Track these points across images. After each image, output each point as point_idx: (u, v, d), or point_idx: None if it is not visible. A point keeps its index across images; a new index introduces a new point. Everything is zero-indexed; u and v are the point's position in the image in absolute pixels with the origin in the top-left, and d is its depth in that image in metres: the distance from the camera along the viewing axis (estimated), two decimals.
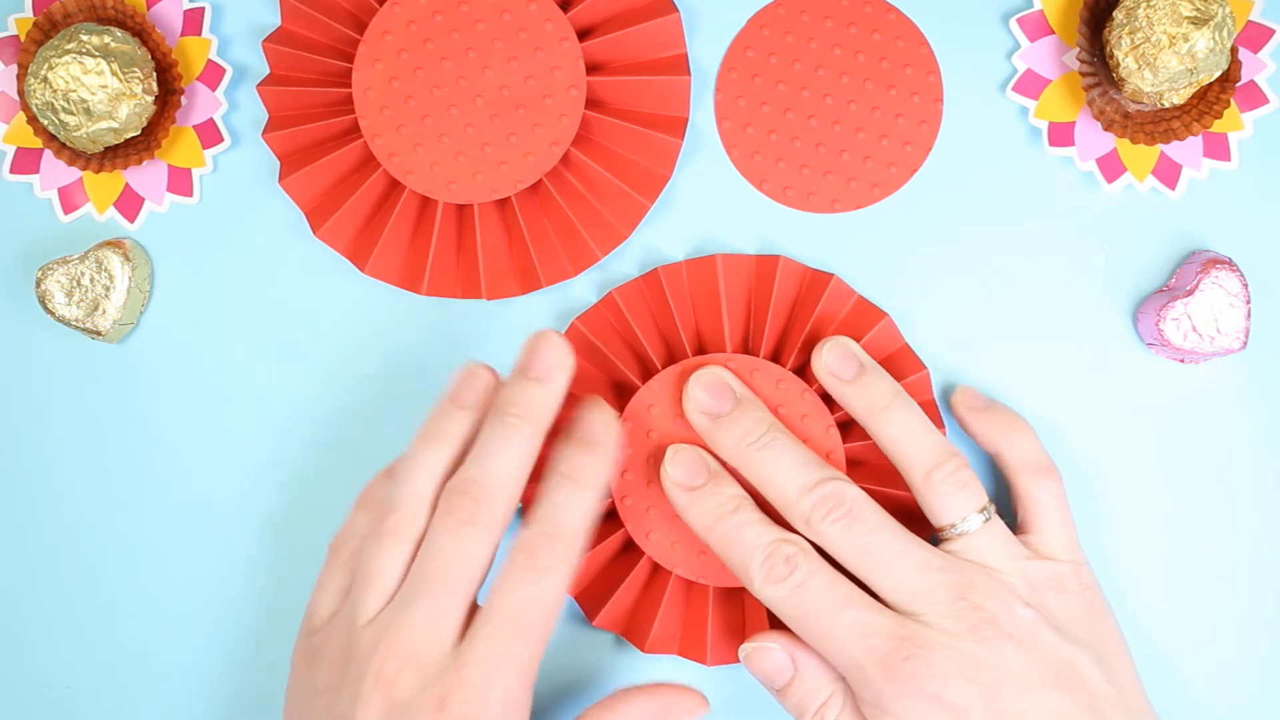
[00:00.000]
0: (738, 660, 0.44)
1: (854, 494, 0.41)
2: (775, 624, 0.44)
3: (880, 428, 0.42)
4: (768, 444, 0.42)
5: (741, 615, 0.45)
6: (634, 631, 0.45)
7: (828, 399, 0.44)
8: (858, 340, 0.44)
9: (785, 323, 0.45)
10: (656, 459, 0.44)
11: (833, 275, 0.45)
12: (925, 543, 0.41)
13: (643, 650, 0.45)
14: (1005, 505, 0.45)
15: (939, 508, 0.42)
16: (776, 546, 0.41)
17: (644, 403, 0.44)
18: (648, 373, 0.45)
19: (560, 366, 0.41)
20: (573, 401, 0.42)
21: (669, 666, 0.46)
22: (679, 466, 0.43)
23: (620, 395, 0.45)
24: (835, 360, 0.43)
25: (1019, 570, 0.41)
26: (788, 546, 0.41)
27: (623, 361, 0.45)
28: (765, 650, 0.42)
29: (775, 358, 0.45)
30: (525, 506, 0.43)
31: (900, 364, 0.45)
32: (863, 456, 0.45)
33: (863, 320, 0.45)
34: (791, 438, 0.42)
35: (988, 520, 0.42)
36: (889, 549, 0.40)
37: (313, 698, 0.40)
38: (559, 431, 0.42)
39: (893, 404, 0.42)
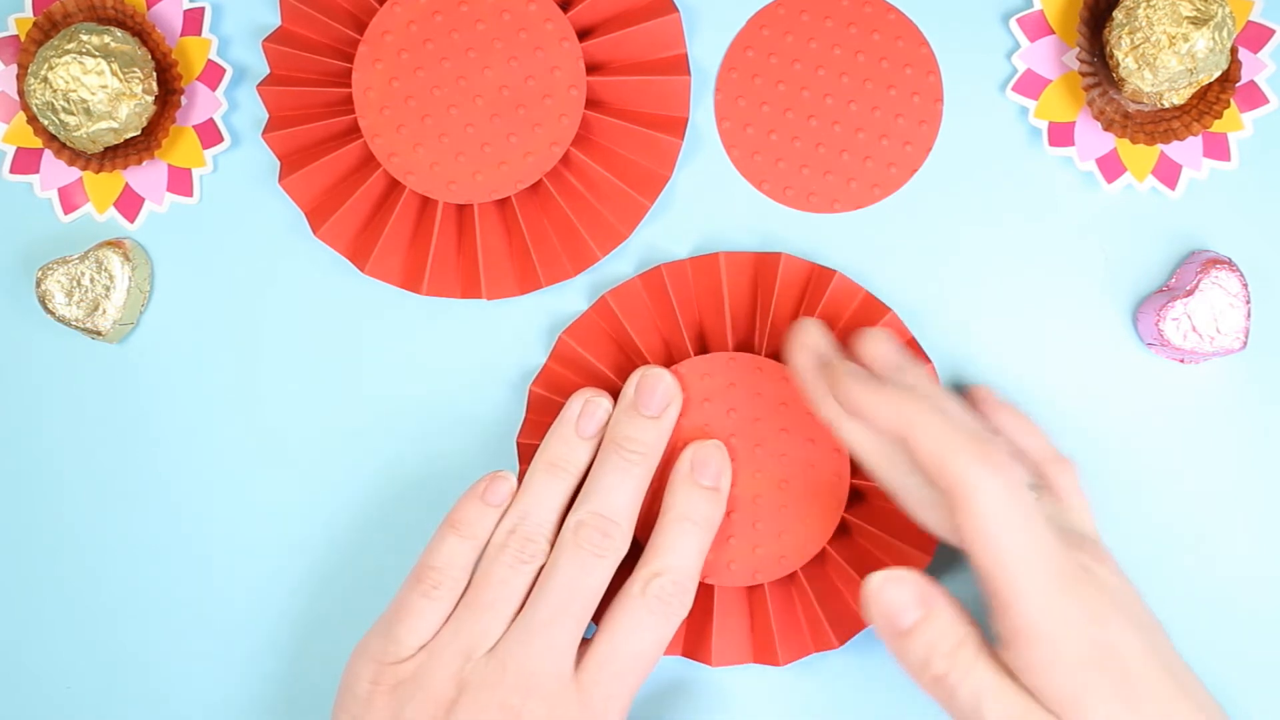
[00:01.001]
0: (742, 661, 0.45)
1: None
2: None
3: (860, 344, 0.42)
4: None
5: (747, 616, 0.45)
6: None
7: None
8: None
9: (788, 320, 0.45)
10: (668, 458, 0.44)
11: (835, 271, 0.45)
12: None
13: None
14: None
15: None
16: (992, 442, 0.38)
17: None
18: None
19: (673, 403, 0.43)
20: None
21: (674, 667, 0.46)
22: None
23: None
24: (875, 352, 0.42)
25: (1060, 537, 0.40)
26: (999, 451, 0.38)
27: (619, 362, 0.45)
28: (900, 581, 0.38)
29: (777, 355, 0.45)
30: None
31: None
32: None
33: (868, 316, 0.45)
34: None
35: (1038, 499, 0.41)
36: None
37: None
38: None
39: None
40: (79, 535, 0.47)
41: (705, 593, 0.45)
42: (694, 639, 0.45)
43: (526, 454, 0.45)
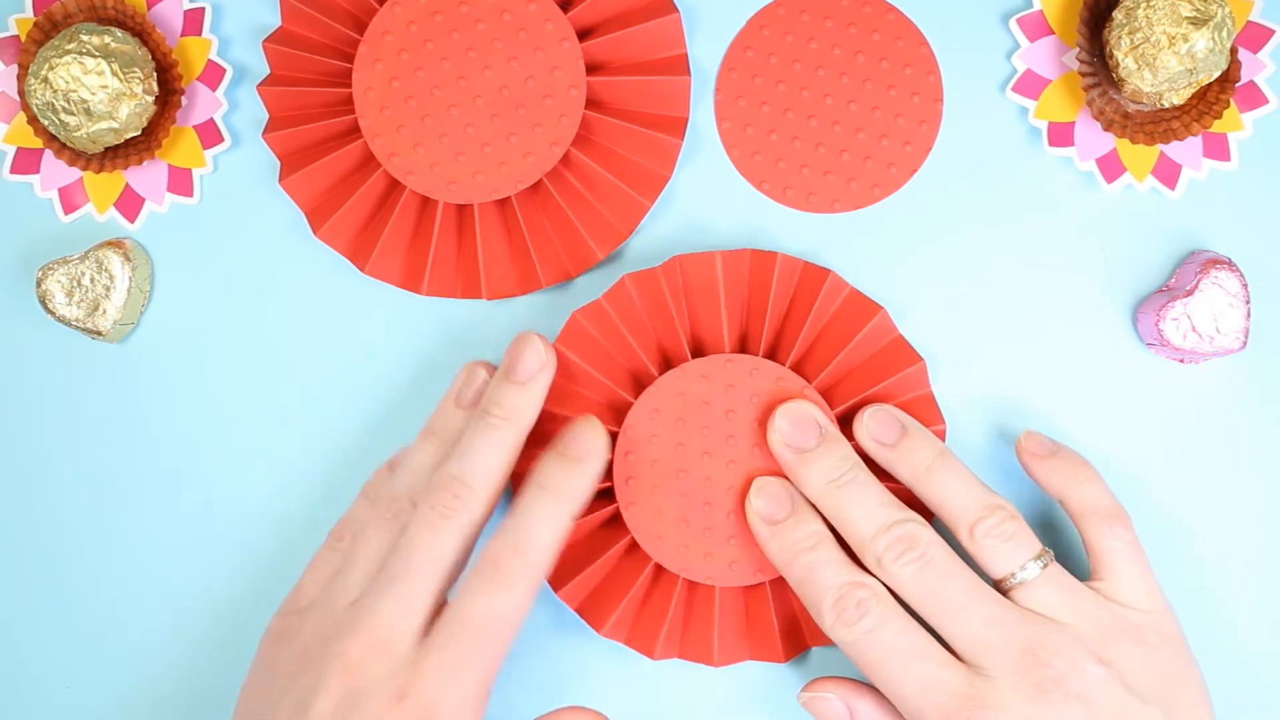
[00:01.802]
0: (743, 659, 0.45)
1: (929, 538, 0.41)
2: (790, 634, 0.45)
3: (926, 489, 0.42)
4: (849, 481, 0.42)
5: (743, 614, 0.45)
6: (638, 638, 0.45)
7: (826, 396, 0.44)
8: (854, 334, 0.44)
9: (782, 319, 0.45)
10: (661, 465, 0.44)
11: (829, 271, 0.45)
12: (998, 594, 0.41)
13: (651, 658, 0.45)
14: (1078, 554, 0.45)
15: (990, 561, 0.41)
16: (850, 589, 0.40)
17: (646, 408, 0.44)
18: (639, 382, 0.45)
19: (543, 369, 0.42)
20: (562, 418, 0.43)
21: (675, 670, 0.46)
22: (763, 499, 0.43)
23: (613, 408, 0.45)
24: (878, 427, 0.43)
25: (1092, 620, 0.40)
26: (861, 590, 0.40)
27: (615, 369, 0.45)
28: (823, 700, 0.42)
29: (772, 355, 0.45)
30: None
31: (895, 356, 0.45)
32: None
33: (858, 314, 0.45)
34: (871, 476, 0.42)
35: (1045, 567, 0.41)
36: (959, 598, 0.40)
37: (273, 679, 0.40)
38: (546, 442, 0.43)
39: (936, 463, 0.42)
40: (79, 535, 0.47)
41: (706, 594, 0.45)
42: (694, 641, 0.45)
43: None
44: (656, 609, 0.45)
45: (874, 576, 0.41)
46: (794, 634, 0.45)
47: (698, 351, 0.45)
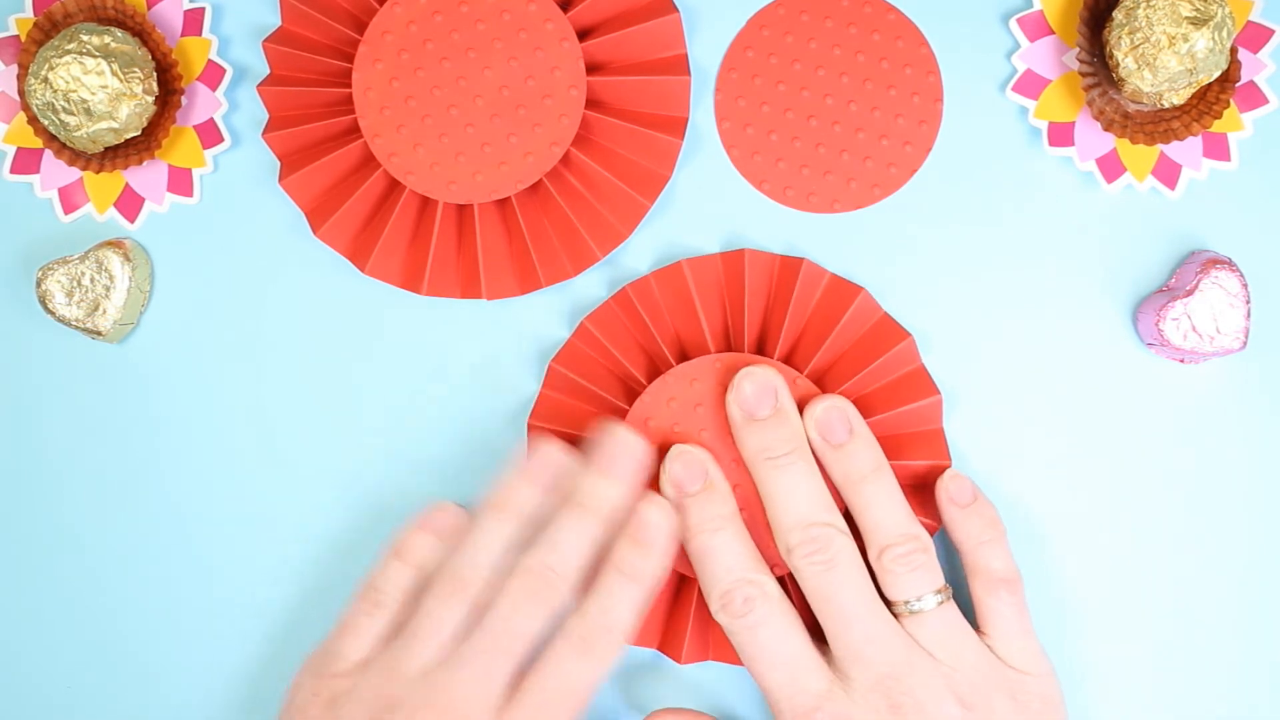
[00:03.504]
0: (709, 658, 0.45)
1: (842, 545, 0.42)
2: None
3: (855, 497, 0.43)
4: (786, 465, 0.43)
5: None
6: (667, 643, 0.45)
7: (818, 384, 0.44)
8: (836, 320, 0.45)
9: (764, 314, 0.45)
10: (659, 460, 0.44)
11: (803, 259, 0.45)
12: (890, 616, 0.42)
13: (679, 663, 0.45)
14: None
15: (888, 585, 0.42)
16: (739, 585, 0.42)
17: (639, 418, 0.44)
18: (631, 394, 0.45)
19: (638, 468, 0.43)
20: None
21: (650, 659, 0.46)
22: (679, 465, 0.43)
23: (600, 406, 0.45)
24: (827, 422, 0.43)
25: (970, 665, 0.42)
26: (750, 588, 0.42)
27: (608, 383, 0.45)
28: None
29: (760, 350, 0.45)
30: None
31: (883, 335, 0.45)
32: None
33: (840, 298, 0.45)
34: (813, 468, 0.43)
35: (941, 604, 0.42)
36: (850, 608, 0.41)
37: None
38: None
39: (871, 476, 0.43)
40: (79, 535, 0.47)
41: (689, 588, 0.45)
42: (721, 642, 0.45)
43: (537, 435, 0.46)
44: (679, 614, 0.45)
45: (770, 567, 0.43)
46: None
47: (684, 356, 0.45)
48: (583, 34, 0.46)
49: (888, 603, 0.42)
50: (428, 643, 0.41)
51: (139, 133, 0.46)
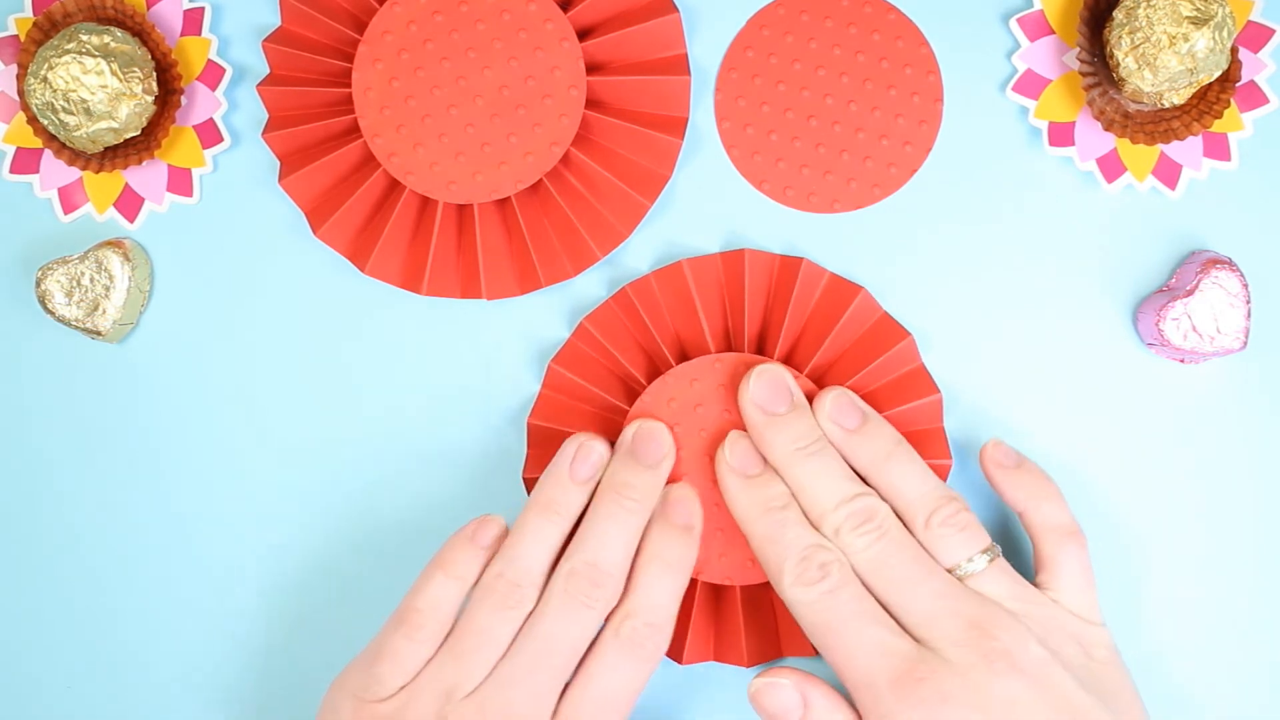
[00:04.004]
0: (775, 657, 0.44)
1: (886, 512, 0.42)
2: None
3: (883, 476, 0.42)
4: (815, 452, 0.42)
5: (773, 612, 0.45)
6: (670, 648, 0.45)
7: (818, 383, 0.44)
8: (836, 319, 0.45)
9: (764, 314, 0.45)
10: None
11: (802, 259, 0.45)
12: (948, 574, 0.41)
13: (680, 663, 0.45)
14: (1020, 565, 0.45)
15: (941, 550, 0.41)
16: (814, 550, 0.41)
17: (646, 405, 0.44)
18: (631, 394, 0.45)
19: (669, 456, 0.43)
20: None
21: (707, 673, 0.46)
22: (738, 453, 0.43)
23: (607, 422, 0.45)
24: (838, 410, 0.43)
25: (1037, 614, 0.41)
26: (825, 553, 0.41)
27: (608, 384, 0.45)
28: (775, 687, 0.41)
29: (760, 350, 0.45)
30: None
31: (882, 335, 0.45)
32: None
33: (840, 298, 0.45)
34: (835, 452, 0.43)
35: (993, 560, 0.42)
36: (912, 571, 0.41)
37: None
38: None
39: (894, 451, 0.43)
40: (79, 534, 0.47)
41: (729, 594, 0.45)
42: (724, 642, 0.45)
43: (536, 435, 0.46)
44: (681, 615, 0.45)
45: None
46: None
47: (684, 356, 0.45)
48: (583, 34, 0.46)
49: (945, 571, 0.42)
50: (478, 658, 0.40)
51: (139, 133, 0.46)
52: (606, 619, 0.41)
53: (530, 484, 0.46)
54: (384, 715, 0.40)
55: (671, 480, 0.44)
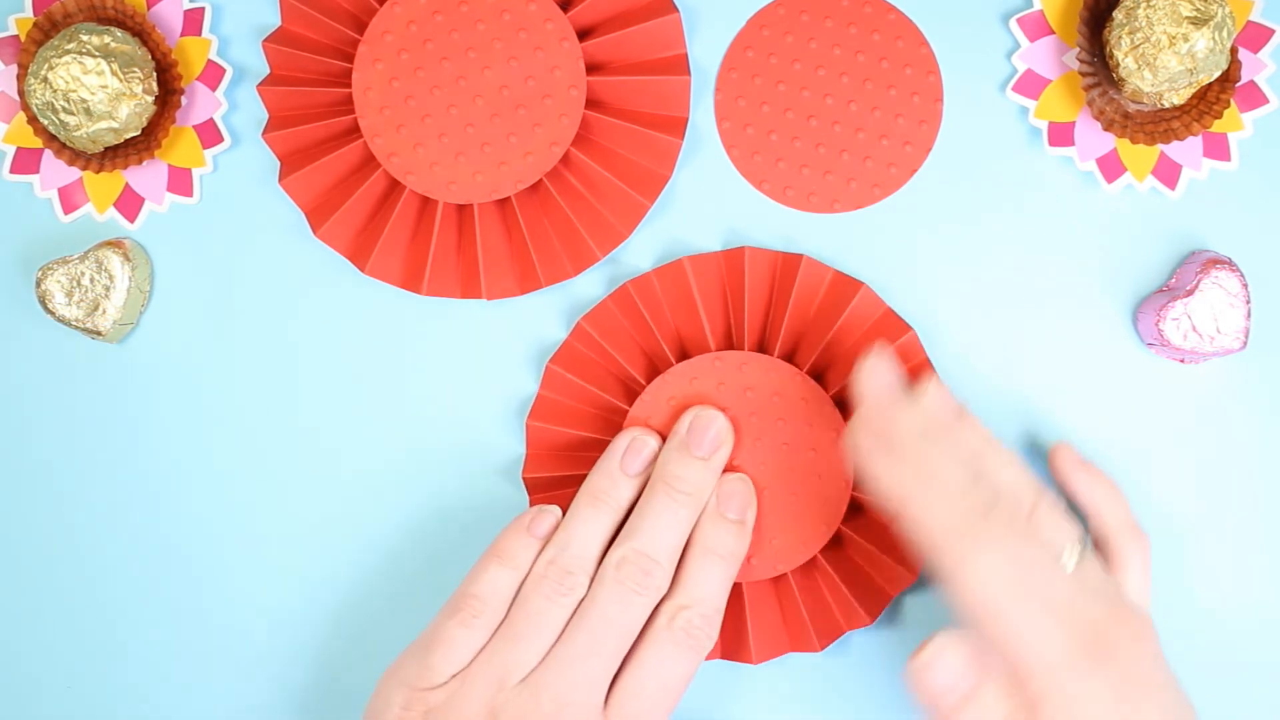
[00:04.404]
0: (783, 653, 0.44)
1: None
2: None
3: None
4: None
5: (777, 608, 0.45)
6: None
7: (820, 381, 0.45)
8: (837, 316, 0.45)
9: (765, 311, 0.45)
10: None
11: (803, 255, 0.45)
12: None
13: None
14: None
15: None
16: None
17: (640, 418, 0.44)
18: (631, 394, 0.45)
19: (724, 445, 0.43)
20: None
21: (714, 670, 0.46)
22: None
23: (608, 421, 0.46)
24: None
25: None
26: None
27: (605, 383, 0.45)
28: (944, 665, 0.38)
29: (762, 348, 0.45)
30: None
31: (885, 330, 0.45)
32: None
33: (841, 294, 0.45)
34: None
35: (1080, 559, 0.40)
36: None
37: None
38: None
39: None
40: (78, 534, 0.47)
41: (735, 591, 0.44)
42: (730, 639, 0.45)
43: (535, 436, 0.46)
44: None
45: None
46: (827, 621, 0.45)
47: (684, 355, 0.45)
48: (583, 34, 0.46)
49: None
50: (531, 644, 0.40)
51: (139, 133, 0.46)
52: (656, 609, 0.41)
53: (530, 484, 0.46)
54: (437, 703, 0.40)
55: (728, 469, 0.44)
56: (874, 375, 0.42)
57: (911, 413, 0.41)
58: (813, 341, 0.45)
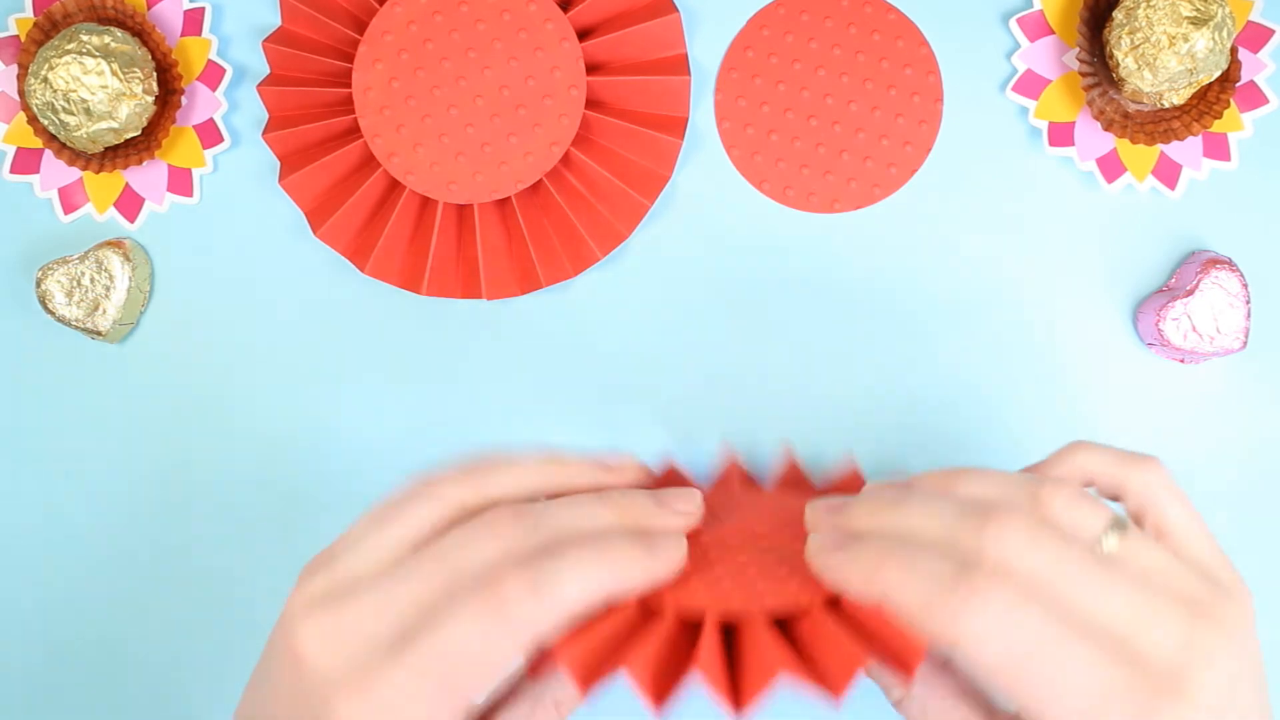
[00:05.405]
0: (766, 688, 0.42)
1: None
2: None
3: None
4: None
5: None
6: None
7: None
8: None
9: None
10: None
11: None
12: None
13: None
14: None
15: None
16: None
17: None
18: None
19: (692, 512, 0.37)
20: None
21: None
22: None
23: None
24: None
25: None
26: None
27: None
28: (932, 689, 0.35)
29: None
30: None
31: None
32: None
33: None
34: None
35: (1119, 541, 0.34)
36: None
37: None
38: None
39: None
40: (79, 534, 0.47)
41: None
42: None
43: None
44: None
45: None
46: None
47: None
48: (583, 34, 0.46)
49: None
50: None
51: (139, 133, 0.46)
52: None
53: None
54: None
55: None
56: (816, 508, 0.36)
57: (859, 503, 0.35)
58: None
